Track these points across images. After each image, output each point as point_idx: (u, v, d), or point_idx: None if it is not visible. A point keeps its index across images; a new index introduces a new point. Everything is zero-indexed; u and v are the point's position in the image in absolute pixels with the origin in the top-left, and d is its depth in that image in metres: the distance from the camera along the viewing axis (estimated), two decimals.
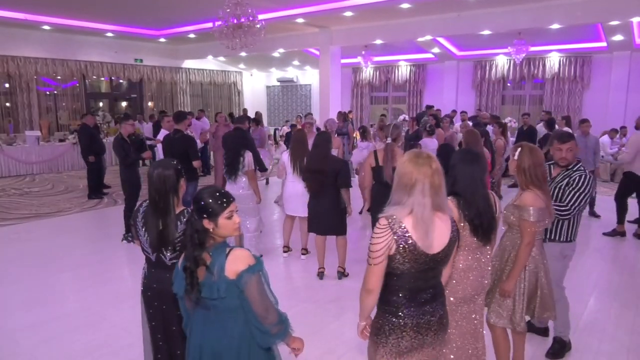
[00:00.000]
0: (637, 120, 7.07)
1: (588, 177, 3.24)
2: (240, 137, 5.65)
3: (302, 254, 5.66)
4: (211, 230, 1.97)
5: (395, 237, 1.95)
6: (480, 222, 2.52)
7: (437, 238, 1.99)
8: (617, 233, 6.51)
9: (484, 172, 2.60)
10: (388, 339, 2.04)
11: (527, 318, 3.06)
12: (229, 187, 5.65)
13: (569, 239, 3.34)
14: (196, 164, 6.02)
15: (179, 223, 2.38)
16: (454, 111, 13.65)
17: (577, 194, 3.18)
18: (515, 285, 2.89)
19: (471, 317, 2.67)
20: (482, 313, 2.74)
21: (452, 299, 2.59)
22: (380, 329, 2.07)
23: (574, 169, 3.31)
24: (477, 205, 2.51)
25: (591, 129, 7.36)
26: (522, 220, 2.81)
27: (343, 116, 11.26)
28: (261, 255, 2.10)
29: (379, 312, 2.11)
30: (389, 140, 4.71)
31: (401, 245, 1.95)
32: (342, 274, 5.00)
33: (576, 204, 3.17)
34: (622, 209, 6.52)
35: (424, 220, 1.95)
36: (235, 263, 1.93)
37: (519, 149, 2.90)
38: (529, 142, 3.05)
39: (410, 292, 2.03)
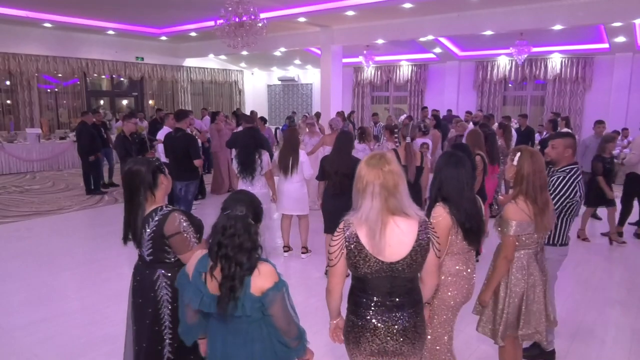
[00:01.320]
0: None
1: (569, 180, 3.14)
2: (251, 136, 5.57)
3: (302, 252, 5.65)
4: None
5: (346, 241, 1.95)
6: (470, 226, 2.48)
7: (394, 244, 1.93)
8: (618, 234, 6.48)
9: (469, 175, 2.52)
10: (350, 338, 2.07)
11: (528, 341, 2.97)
12: (244, 187, 5.61)
13: (553, 243, 3.23)
14: (197, 162, 6.00)
15: (150, 220, 2.35)
16: (449, 111, 13.66)
17: (553, 196, 3.08)
18: (490, 296, 2.78)
19: (452, 326, 2.66)
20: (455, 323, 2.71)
21: (436, 302, 2.58)
22: (345, 328, 2.11)
23: (559, 170, 3.26)
24: (465, 208, 2.45)
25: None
26: (502, 234, 2.70)
27: (342, 116, 11.25)
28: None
29: (347, 313, 2.13)
30: (408, 140, 4.72)
31: (350, 250, 1.95)
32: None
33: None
34: (626, 211, 6.49)
35: (369, 223, 1.91)
36: (262, 279, 1.84)
37: (519, 153, 2.69)
38: (526, 145, 3.00)
39: (375, 295, 2.02)
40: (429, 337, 2.58)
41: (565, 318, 3.64)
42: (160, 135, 7.02)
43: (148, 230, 2.35)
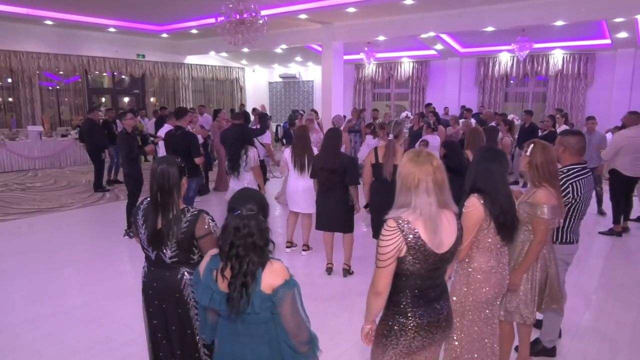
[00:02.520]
0: (622, 119, 6.92)
1: (560, 181, 3.14)
2: (239, 132, 5.62)
3: (304, 249, 5.66)
4: None
5: (405, 239, 1.93)
6: (505, 220, 2.49)
7: (446, 236, 1.99)
8: (614, 233, 6.47)
9: (505, 170, 2.58)
10: (399, 340, 2.03)
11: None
12: (233, 184, 5.65)
13: (553, 241, 3.26)
14: (198, 160, 6.01)
15: (179, 221, 2.33)
16: (447, 108, 13.64)
17: None
18: (521, 279, 2.88)
19: (491, 321, 2.66)
20: (498, 316, 2.74)
21: (471, 299, 2.59)
22: (390, 330, 2.04)
23: (559, 169, 3.28)
24: (500, 202, 2.48)
25: (596, 127, 7.35)
26: (535, 218, 2.78)
27: (358, 113, 11.24)
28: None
29: (387, 314, 2.08)
30: (390, 137, 4.69)
31: (412, 247, 1.93)
32: (347, 272, 4.98)
33: None
34: (617, 209, 6.48)
35: (432, 218, 1.94)
36: (273, 277, 1.82)
37: (532, 145, 2.88)
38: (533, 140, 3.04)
39: (419, 292, 2.03)
40: (475, 335, 2.60)
41: (566, 315, 3.63)
42: (162, 132, 7.02)
43: (177, 231, 2.31)
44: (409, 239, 1.92)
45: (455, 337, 2.60)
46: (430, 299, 2.05)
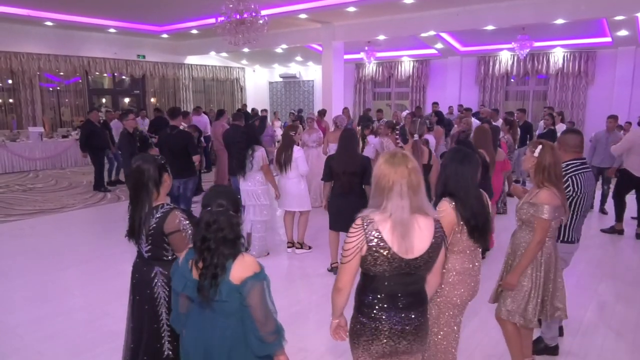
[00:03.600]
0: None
1: (570, 179, 3.20)
2: (242, 132, 5.62)
3: (297, 248, 5.66)
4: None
5: (366, 238, 1.92)
6: (476, 224, 2.47)
7: (416, 242, 1.93)
8: (615, 231, 6.46)
9: (475, 172, 2.54)
10: (359, 340, 2.03)
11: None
12: (238, 184, 5.60)
13: (558, 239, 3.27)
14: (195, 158, 6.02)
15: (150, 217, 2.41)
16: (451, 107, 13.61)
17: None
18: (517, 279, 2.87)
19: (459, 324, 2.66)
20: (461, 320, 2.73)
21: (441, 299, 2.58)
22: (353, 329, 2.07)
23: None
24: (471, 205, 2.45)
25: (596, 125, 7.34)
26: (536, 218, 2.79)
27: (347, 114, 11.25)
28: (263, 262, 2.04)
29: (354, 313, 2.09)
30: (415, 137, 4.69)
31: (372, 247, 1.92)
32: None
33: None
34: (620, 207, 6.46)
35: (403, 223, 1.90)
36: (242, 269, 1.91)
37: (540, 147, 2.85)
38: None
39: (386, 295, 1.99)
40: (439, 336, 2.59)
41: (569, 312, 3.63)
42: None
43: (148, 226, 2.40)
44: (370, 239, 1.92)
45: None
46: (399, 305, 1.99)
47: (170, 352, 2.48)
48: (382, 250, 1.91)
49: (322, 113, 10.72)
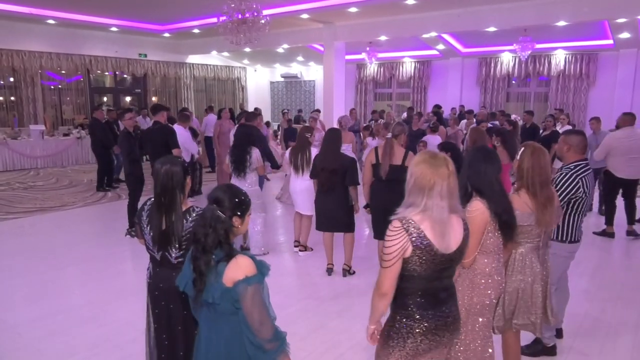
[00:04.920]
0: (617, 120, 6.85)
1: (570, 176, 3.20)
2: (246, 133, 5.64)
3: (300, 250, 5.68)
4: (236, 228, 1.94)
5: (410, 239, 1.91)
6: (507, 218, 2.46)
7: (453, 240, 1.99)
8: (607, 234, 6.44)
9: (498, 171, 2.53)
10: (406, 342, 2.00)
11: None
12: (236, 183, 5.65)
13: (561, 239, 3.27)
14: (176, 152, 6.02)
15: (184, 221, 2.34)
16: (454, 109, 13.59)
17: (557, 192, 3.13)
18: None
19: (489, 326, 2.60)
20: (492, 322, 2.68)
21: (475, 300, 2.54)
22: (398, 332, 2.02)
23: (565, 166, 3.34)
24: (500, 201, 2.46)
25: (601, 127, 7.37)
26: None
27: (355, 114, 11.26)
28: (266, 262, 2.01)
29: (393, 316, 2.06)
30: (389, 135, 4.68)
31: (417, 247, 1.91)
32: (347, 272, 4.98)
33: None
34: (610, 210, 6.43)
35: (443, 222, 1.93)
36: (234, 271, 1.85)
37: (522, 149, 2.81)
38: (533, 141, 3.03)
39: (427, 294, 2.01)
40: (478, 342, 2.54)
41: (569, 314, 3.64)
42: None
43: (182, 231, 2.33)
44: (414, 239, 1.91)
45: (458, 343, 2.52)
46: (438, 301, 2.02)
47: None
48: (427, 249, 1.92)
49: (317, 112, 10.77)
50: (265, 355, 1.88)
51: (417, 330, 1.99)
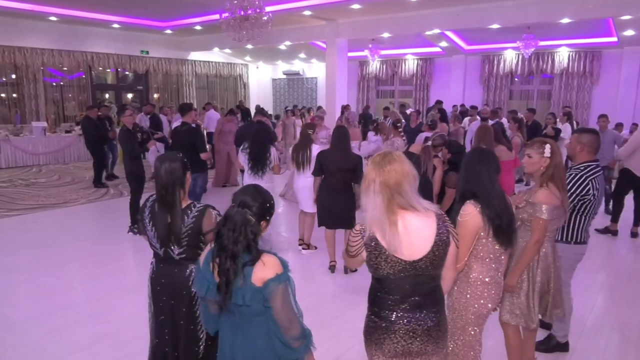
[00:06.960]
0: None
1: (580, 177, 3.16)
2: (265, 131, 5.55)
3: (304, 248, 5.66)
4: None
5: (364, 245, 1.93)
6: (500, 223, 2.39)
7: (414, 241, 1.90)
8: (609, 231, 6.42)
9: (496, 171, 2.49)
10: (372, 337, 2.03)
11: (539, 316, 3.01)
12: (251, 181, 5.60)
13: (567, 240, 3.25)
14: (204, 155, 6.01)
15: (185, 217, 2.35)
16: (456, 107, 13.54)
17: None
18: (517, 280, 2.83)
19: (481, 333, 2.59)
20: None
21: (472, 310, 2.52)
22: (366, 327, 2.07)
23: (574, 167, 3.29)
24: (494, 204, 2.39)
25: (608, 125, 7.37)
26: (534, 217, 2.76)
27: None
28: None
29: (367, 312, 2.09)
30: (429, 143, 4.73)
31: (371, 252, 1.93)
32: (349, 268, 4.97)
33: None
34: (618, 207, 6.42)
35: (378, 222, 1.89)
36: (264, 270, 1.83)
37: (548, 146, 2.82)
38: (534, 138, 3.04)
39: (396, 296, 1.98)
40: (471, 353, 2.53)
41: (573, 314, 3.62)
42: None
43: (184, 227, 2.33)
44: (368, 243, 1.93)
45: (451, 354, 2.50)
46: (410, 305, 1.97)
47: (200, 355, 2.43)
48: (380, 254, 1.90)
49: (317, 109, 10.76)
50: (294, 353, 1.88)
51: (382, 329, 2.00)
